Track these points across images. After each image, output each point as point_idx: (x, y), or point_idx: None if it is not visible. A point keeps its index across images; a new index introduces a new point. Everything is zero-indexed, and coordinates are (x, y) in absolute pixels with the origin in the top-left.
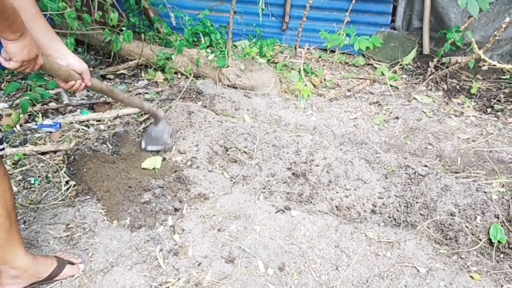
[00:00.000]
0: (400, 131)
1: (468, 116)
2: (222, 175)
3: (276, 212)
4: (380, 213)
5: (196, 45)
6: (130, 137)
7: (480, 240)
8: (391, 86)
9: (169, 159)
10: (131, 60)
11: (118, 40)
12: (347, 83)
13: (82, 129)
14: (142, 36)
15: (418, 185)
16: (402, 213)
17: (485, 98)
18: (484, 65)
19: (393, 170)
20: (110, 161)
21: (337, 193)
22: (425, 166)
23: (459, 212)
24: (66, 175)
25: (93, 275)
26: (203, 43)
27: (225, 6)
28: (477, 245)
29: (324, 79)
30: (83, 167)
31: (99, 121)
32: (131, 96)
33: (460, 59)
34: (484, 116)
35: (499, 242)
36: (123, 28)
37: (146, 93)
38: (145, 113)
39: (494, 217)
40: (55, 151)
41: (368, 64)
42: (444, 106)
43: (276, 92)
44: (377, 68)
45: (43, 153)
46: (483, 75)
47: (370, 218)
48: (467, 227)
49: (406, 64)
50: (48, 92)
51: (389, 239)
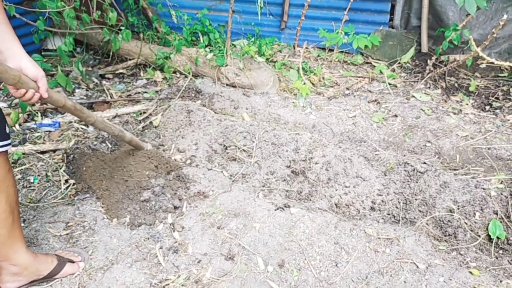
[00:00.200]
0: (399, 129)
1: (467, 114)
2: (222, 173)
3: (276, 210)
4: (379, 210)
5: (195, 44)
6: None
7: (479, 236)
8: (390, 84)
9: (169, 158)
10: (130, 60)
11: (117, 40)
12: (346, 82)
13: (81, 128)
14: (141, 36)
15: (417, 182)
16: (401, 210)
17: (483, 96)
18: (482, 63)
19: (392, 168)
20: (110, 160)
21: (336, 191)
22: (424, 163)
23: (458, 209)
24: (66, 174)
25: (93, 273)
26: (202, 42)
27: (224, 5)
28: (476, 241)
29: (323, 78)
30: (83, 166)
31: None
32: (107, 121)
33: (459, 57)
34: (483, 114)
35: (498, 238)
36: (122, 28)
37: (145, 92)
38: (128, 143)
39: (493, 214)
40: (55, 150)
41: (367, 63)
42: (443, 104)
43: (275, 91)
44: (376, 67)
45: (43, 152)
46: (481, 73)
47: (369, 215)
48: (466, 224)
49: (405, 63)
50: None
51: (388, 236)
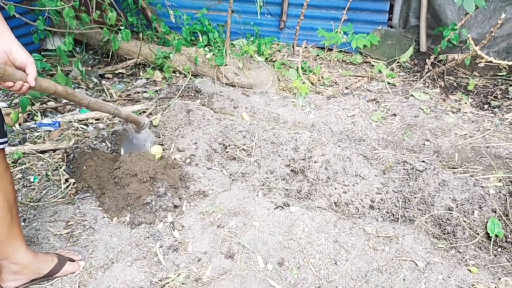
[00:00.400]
0: (398, 128)
1: (465, 113)
2: (221, 172)
3: (275, 209)
4: (379, 209)
5: (194, 44)
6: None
7: (478, 234)
8: (389, 84)
9: (168, 157)
10: (130, 59)
11: (116, 40)
12: (345, 81)
13: (81, 128)
14: (140, 35)
15: (416, 181)
16: (400, 208)
17: (482, 95)
18: (481, 62)
19: (391, 166)
20: (110, 159)
21: (336, 189)
22: (423, 162)
23: (457, 207)
24: (66, 173)
25: (94, 272)
26: (201, 42)
27: (223, 5)
28: (475, 239)
29: (322, 77)
30: (83, 165)
31: (98, 120)
32: (102, 101)
33: (457, 56)
34: (481, 113)
35: (497, 236)
36: (121, 28)
37: (145, 92)
38: (125, 120)
39: (492, 212)
40: (54, 150)
41: (366, 62)
42: (441, 103)
43: (274, 90)
44: (375, 66)
45: (43, 152)
46: (480, 72)
47: (369, 214)
48: (465, 222)
49: (404, 62)
50: None
51: (388, 234)
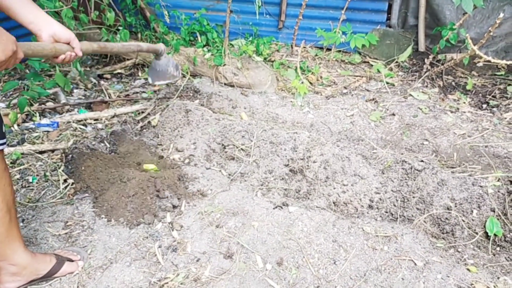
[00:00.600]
0: (397, 128)
1: (464, 112)
2: (220, 172)
3: (274, 208)
4: (377, 208)
5: (193, 44)
6: (128, 136)
7: (477, 234)
8: (387, 83)
9: (167, 157)
10: (128, 60)
11: (115, 40)
12: (344, 81)
13: (80, 128)
14: (139, 36)
15: (415, 180)
16: (399, 208)
17: (481, 94)
18: (479, 62)
19: (390, 166)
20: (108, 159)
21: (334, 189)
22: (422, 161)
23: (456, 206)
24: (64, 174)
25: (92, 272)
26: (200, 42)
27: (222, 5)
28: (474, 239)
29: (321, 77)
30: (81, 166)
31: (97, 120)
32: (126, 43)
33: (456, 56)
34: (480, 112)
35: (495, 235)
36: (120, 28)
37: (143, 92)
38: (146, 52)
39: (490, 211)
40: (53, 150)
41: (364, 62)
42: (440, 103)
43: (273, 90)
44: (373, 66)
45: (41, 152)
46: (478, 72)
47: (367, 213)
48: (464, 221)
49: (402, 62)
50: (46, 91)
51: (386, 233)
